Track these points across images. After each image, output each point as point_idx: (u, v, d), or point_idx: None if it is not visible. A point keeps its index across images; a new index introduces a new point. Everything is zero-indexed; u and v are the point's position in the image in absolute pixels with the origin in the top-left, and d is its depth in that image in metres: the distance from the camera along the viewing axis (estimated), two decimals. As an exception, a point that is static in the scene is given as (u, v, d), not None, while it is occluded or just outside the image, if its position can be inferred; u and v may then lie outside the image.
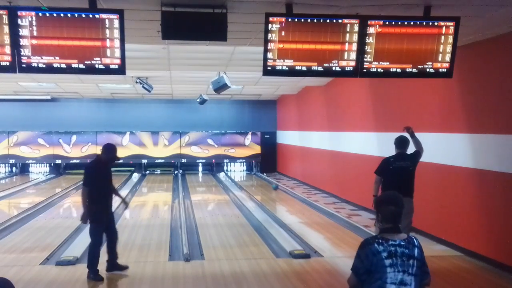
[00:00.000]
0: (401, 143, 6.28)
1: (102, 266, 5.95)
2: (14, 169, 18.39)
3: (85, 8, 4.50)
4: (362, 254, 2.95)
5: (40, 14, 4.48)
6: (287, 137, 18.06)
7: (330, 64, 4.98)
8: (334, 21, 4.85)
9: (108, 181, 6.01)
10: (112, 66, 4.68)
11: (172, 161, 18.79)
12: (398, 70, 5.11)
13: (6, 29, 4.47)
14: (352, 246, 7.58)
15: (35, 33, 4.51)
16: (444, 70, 5.18)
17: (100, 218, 5.85)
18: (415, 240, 3.00)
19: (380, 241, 2.91)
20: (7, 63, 4.57)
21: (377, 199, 3.14)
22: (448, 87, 7.13)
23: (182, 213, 10.13)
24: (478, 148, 6.61)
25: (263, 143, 19.22)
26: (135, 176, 17.98)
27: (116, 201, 6.39)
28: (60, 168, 18.39)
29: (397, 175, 6.07)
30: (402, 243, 2.91)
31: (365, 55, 5.00)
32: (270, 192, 14.10)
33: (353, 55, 4.98)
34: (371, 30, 4.92)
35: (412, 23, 4.96)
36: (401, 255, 2.89)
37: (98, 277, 5.79)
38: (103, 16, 4.53)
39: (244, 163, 19.48)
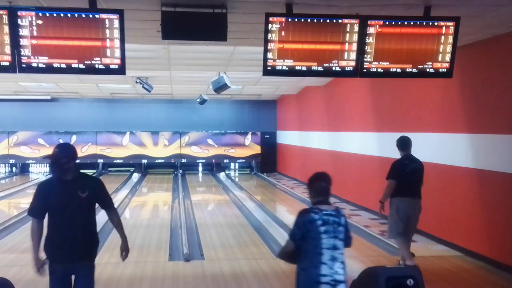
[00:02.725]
0: (406, 143, 6.19)
1: (101, 266, 5.94)
2: (14, 169, 18.39)
3: (85, 8, 4.49)
4: (300, 221, 3.30)
5: (40, 14, 4.47)
6: (287, 137, 18.06)
7: (330, 64, 4.97)
8: (334, 21, 4.84)
9: (68, 205, 3.62)
10: (112, 66, 4.68)
11: (172, 161, 18.80)
12: (398, 70, 5.11)
13: (6, 29, 4.47)
14: (352, 246, 7.56)
15: (35, 33, 4.50)
16: (444, 70, 5.18)
17: (53, 270, 3.66)
18: (341, 210, 3.42)
19: (316, 210, 3.30)
20: (7, 63, 4.56)
21: (310, 177, 3.50)
22: (448, 87, 7.13)
23: (182, 213, 10.13)
24: (479, 148, 6.61)
25: (263, 143, 19.21)
26: (135, 176, 17.98)
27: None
28: (60, 168, 18.34)
29: (412, 178, 6.05)
30: (333, 213, 3.32)
31: (365, 55, 5.00)
32: (270, 192, 14.09)
33: (353, 55, 4.98)
34: (371, 30, 4.92)
35: (412, 23, 4.95)
36: (333, 223, 3.29)
37: None
38: (103, 16, 4.53)
39: (244, 163, 19.49)
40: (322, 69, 4.99)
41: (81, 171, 3.78)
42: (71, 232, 3.63)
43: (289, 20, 4.76)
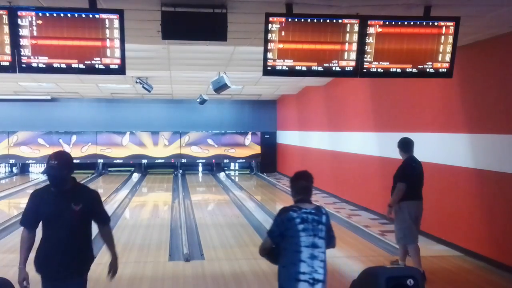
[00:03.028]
0: (409, 145, 6.04)
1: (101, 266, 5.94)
2: (14, 169, 18.39)
3: (85, 8, 4.49)
4: (279, 219, 3.34)
5: (40, 14, 4.47)
6: (287, 137, 18.06)
7: (330, 64, 4.97)
8: (334, 21, 4.84)
9: (59, 218, 3.40)
10: (112, 66, 4.68)
11: (172, 161, 18.80)
12: (398, 70, 5.11)
13: (6, 29, 4.47)
14: (352, 246, 7.59)
15: (35, 33, 4.50)
16: (444, 70, 5.18)
17: (42, 286, 3.54)
18: (323, 209, 3.42)
19: (295, 209, 3.32)
20: (7, 63, 4.56)
21: (292, 176, 3.55)
22: (448, 87, 7.13)
23: (182, 213, 10.13)
24: (478, 148, 6.61)
25: (263, 143, 19.21)
26: (135, 176, 17.99)
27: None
28: (60, 168, 18.34)
29: (419, 180, 6.01)
30: (312, 211, 3.33)
31: (365, 55, 5.00)
32: (270, 192, 14.09)
33: (353, 55, 4.98)
34: (371, 30, 4.92)
35: (412, 23, 4.95)
36: (312, 221, 3.30)
37: None
38: (103, 16, 4.53)
39: (244, 163, 19.49)
40: (322, 69, 4.99)
41: (78, 181, 3.56)
42: (60, 247, 3.38)
43: (289, 20, 4.76)
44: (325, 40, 4.88)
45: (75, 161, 3.63)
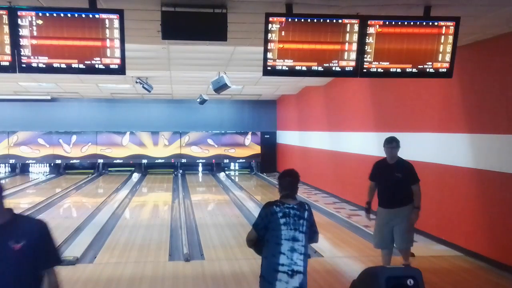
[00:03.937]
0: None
1: (101, 266, 5.95)
2: (16, 169, 18.37)
3: (85, 8, 4.49)
4: (263, 213, 3.55)
5: (40, 14, 4.47)
6: (287, 137, 18.06)
7: (330, 64, 4.97)
8: (334, 21, 4.84)
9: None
10: (112, 66, 4.68)
11: (172, 161, 18.80)
12: (398, 70, 5.11)
13: (6, 29, 4.47)
14: (352, 246, 7.59)
15: (35, 33, 4.50)
16: (444, 70, 5.18)
17: None
18: (306, 205, 3.61)
19: (278, 203, 3.53)
20: (7, 63, 4.56)
21: (280, 174, 3.71)
22: (448, 87, 7.13)
23: (182, 213, 10.13)
24: (478, 148, 6.61)
25: (263, 143, 19.22)
26: (135, 176, 17.98)
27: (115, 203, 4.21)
28: (60, 168, 18.37)
29: None
30: (295, 207, 3.53)
31: (365, 55, 5.00)
32: (270, 192, 14.09)
33: (353, 55, 4.98)
34: (371, 30, 4.92)
35: (412, 23, 4.95)
36: (293, 216, 3.49)
37: None
38: (103, 16, 4.53)
39: (244, 163, 19.48)
40: (322, 69, 4.99)
41: (17, 212, 2.68)
42: None
43: (289, 20, 4.76)
44: (325, 40, 4.88)
45: (75, 161, 3.53)
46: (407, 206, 5.74)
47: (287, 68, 4.90)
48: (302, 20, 4.78)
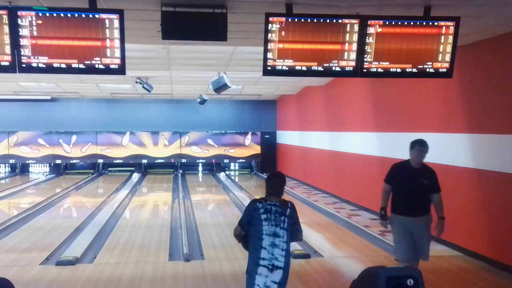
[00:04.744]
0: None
1: (101, 266, 5.95)
2: (16, 169, 18.36)
3: (85, 8, 4.49)
4: (247, 209, 3.76)
5: (40, 14, 4.47)
6: (287, 137, 18.06)
7: (330, 64, 4.97)
8: (334, 21, 4.84)
9: None
10: (112, 66, 4.68)
11: (172, 161, 18.80)
12: (398, 70, 5.11)
13: (6, 29, 4.47)
14: (352, 246, 7.59)
15: (35, 33, 4.51)
16: (444, 70, 5.18)
17: None
18: (290, 203, 3.77)
19: (261, 201, 3.73)
20: (7, 63, 4.56)
21: (267, 175, 3.95)
22: (448, 87, 7.13)
23: (182, 213, 10.13)
24: (478, 148, 6.61)
25: (263, 143, 19.22)
26: (135, 176, 17.99)
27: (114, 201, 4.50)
28: (60, 168, 18.38)
29: None
30: (277, 204, 3.70)
31: (365, 55, 5.00)
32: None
33: (353, 55, 4.98)
34: (371, 30, 4.92)
35: (412, 23, 4.95)
36: (275, 212, 3.66)
37: None
38: (103, 16, 4.53)
39: (244, 163, 19.48)
40: (322, 69, 4.99)
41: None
42: None
43: (289, 20, 4.76)
44: (325, 40, 4.88)
45: (75, 161, 3.55)
46: (427, 215, 5.26)
47: (287, 68, 4.90)
48: (302, 20, 4.78)
